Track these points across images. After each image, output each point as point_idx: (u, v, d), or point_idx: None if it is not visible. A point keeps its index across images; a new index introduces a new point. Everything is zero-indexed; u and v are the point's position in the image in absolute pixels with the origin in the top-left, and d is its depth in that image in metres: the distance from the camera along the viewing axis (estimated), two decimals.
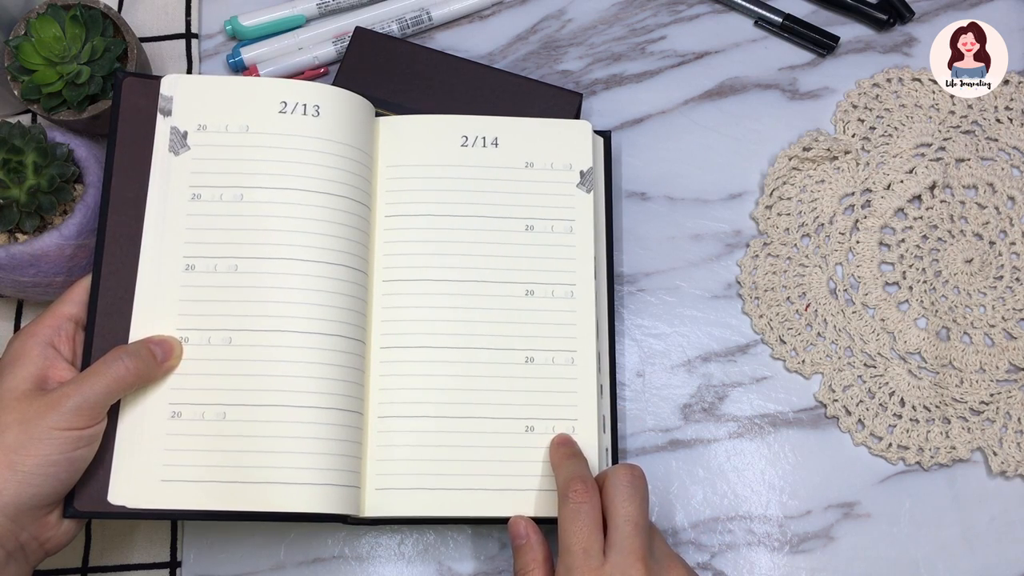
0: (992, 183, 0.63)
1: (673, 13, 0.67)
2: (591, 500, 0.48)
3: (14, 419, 0.45)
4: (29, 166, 0.53)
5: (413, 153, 0.56)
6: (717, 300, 0.62)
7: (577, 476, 0.50)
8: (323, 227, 0.52)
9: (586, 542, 0.47)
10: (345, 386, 0.51)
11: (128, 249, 0.52)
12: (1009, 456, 0.58)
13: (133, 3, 0.67)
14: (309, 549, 0.57)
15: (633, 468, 0.49)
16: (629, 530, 0.47)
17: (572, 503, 0.48)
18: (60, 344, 0.49)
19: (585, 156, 0.57)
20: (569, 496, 0.49)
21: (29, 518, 0.46)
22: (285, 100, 0.54)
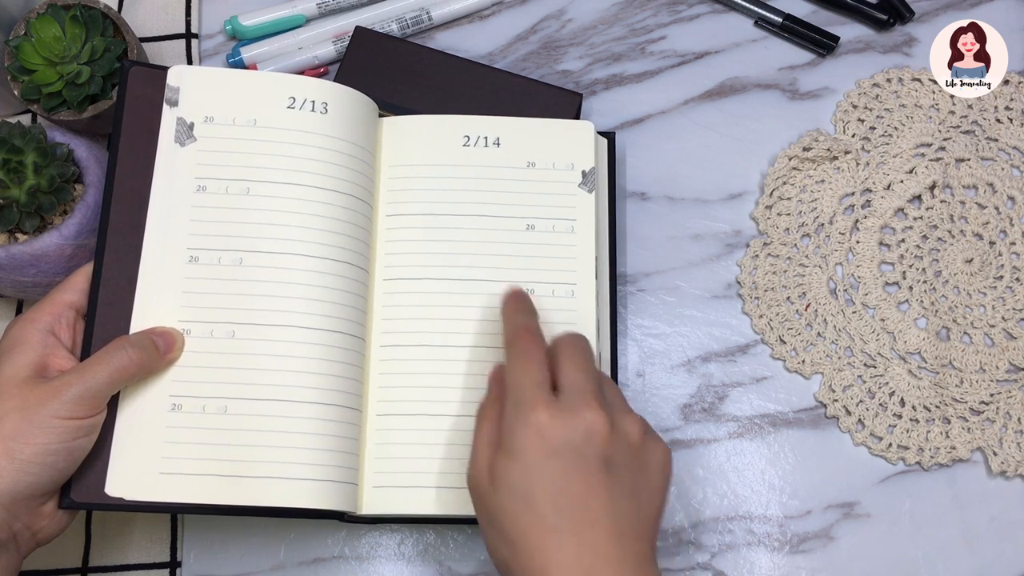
0: (992, 183, 0.63)
1: (673, 13, 0.67)
2: (539, 345, 0.47)
3: (13, 406, 0.45)
4: (29, 166, 0.53)
5: (415, 153, 0.57)
6: (717, 300, 0.62)
7: (525, 326, 0.49)
8: (327, 224, 0.52)
9: (536, 377, 0.46)
10: (345, 383, 0.51)
11: (131, 239, 0.51)
12: (1009, 456, 0.58)
13: (133, 3, 0.67)
14: (309, 549, 0.57)
15: (578, 334, 0.48)
16: (580, 376, 0.46)
17: (519, 347, 0.47)
18: (60, 332, 0.49)
19: (587, 156, 0.57)
20: (515, 342, 0.48)
21: (24, 507, 0.46)
22: (294, 96, 0.54)
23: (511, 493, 0.44)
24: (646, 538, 0.44)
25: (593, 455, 0.43)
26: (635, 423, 0.46)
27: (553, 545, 0.42)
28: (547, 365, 0.47)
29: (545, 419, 0.44)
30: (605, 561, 0.42)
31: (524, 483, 0.43)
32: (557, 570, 0.42)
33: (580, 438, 0.44)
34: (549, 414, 0.44)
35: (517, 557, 0.43)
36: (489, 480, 0.45)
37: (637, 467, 0.45)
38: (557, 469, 0.43)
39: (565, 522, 0.42)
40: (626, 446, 0.45)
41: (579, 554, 0.42)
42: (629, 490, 0.44)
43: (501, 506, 0.44)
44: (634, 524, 0.43)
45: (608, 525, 0.42)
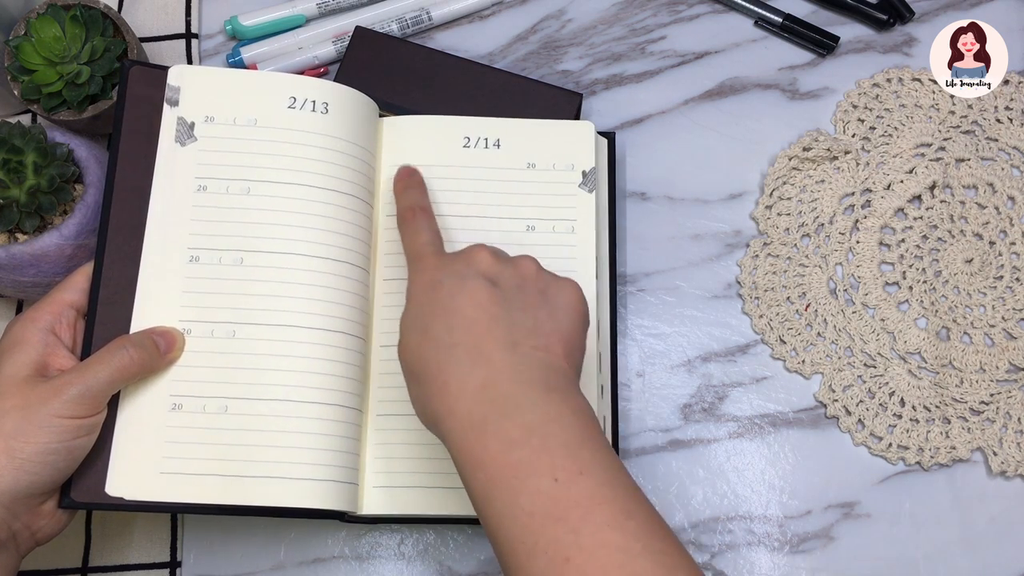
0: (992, 183, 0.63)
1: (673, 13, 0.67)
2: (426, 217, 0.51)
3: (13, 405, 0.45)
4: (29, 166, 0.53)
5: (416, 153, 0.57)
6: (717, 300, 0.62)
7: (411, 205, 0.52)
8: (328, 224, 0.52)
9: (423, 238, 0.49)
10: (346, 383, 0.51)
11: (131, 238, 0.51)
12: (1009, 456, 0.58)
13: (133, 3, 0.67)
14: (309, 549, 0.57)
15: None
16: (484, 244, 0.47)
17: (407, 221, 0.51)
18: (61, 331, 0.49)
19: (588, 157, 0.57)
20: (404, 218, 0.51)
21: (24, 506, 0.46)
22: (294, 95, 0.54)
23: (410, 329, 0.45)
24: (550, 350, 0.43)
25: (475, 274, 0.44)
26: (529, 260, 0.46)
27: (449, 361, 0.42)
28: (436, 233, 0.50)
29: (431, 261, 0.47)
30: (500, 368, 0.41)
31: (418, 316, 0.45)
32: (455, 384, 0.42)
33: (462, 265, 0.45)
34: (435, 257, 0.47)
35: (424, 387, 0.43)
36: (400, 336, 0.46)
37: (532, 291, 0.45)
38: (443, 293, 0.44)
39: (458, 337, 0.43)
40: (515, 273, 0.45)
41: (472, 365, 0.42)
42: (521, 305, 0.44)
43: (407, 346, 0.45)
44: (530, 335, 0.43)
45: (499, 334, 0.42)
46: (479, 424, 0.40)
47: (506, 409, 0.40)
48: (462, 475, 0.41)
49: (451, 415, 0.41)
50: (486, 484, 0.39)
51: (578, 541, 0.37)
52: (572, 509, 0.37)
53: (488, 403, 0.41)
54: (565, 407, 0.41)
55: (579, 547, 0.36)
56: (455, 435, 0.41)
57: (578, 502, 0.38)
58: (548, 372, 0.42)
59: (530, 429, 0.39)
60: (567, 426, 0.40)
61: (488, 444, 0.40)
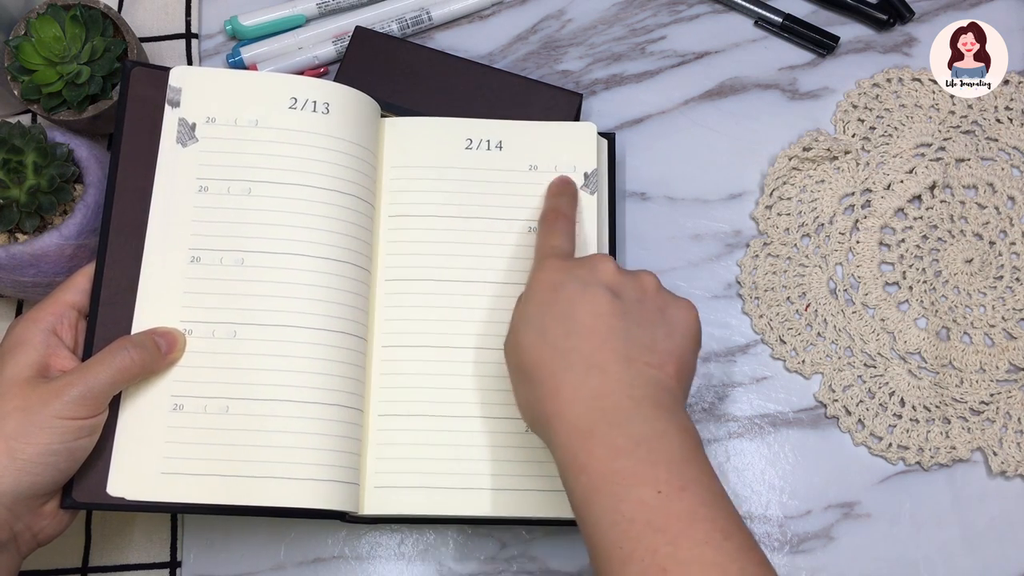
0: (992, 183, 0.63)
1: (673, 13, 0.67)
2: (565, 221, 0.51)
3: (15, 406, 0.45)
4: (29, 166, 0.53)
5: (417, 154, 0.57)
6: (717, 300, 0.62)
7: (556, 207, 0.52)
8: (329, 224, 0.52)
9: (554, 241, 0.49)
10: (347, 383, 0.51)
11: (132, 239, 0.51)
12: (1009, 456, 0.58)
13: (133, 3, 0.67)
14: (309, 549, 0.57)
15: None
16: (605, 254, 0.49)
17: (547, 221, 0.51)
18: (62, 332, 0.49)
19: (589, 158, 0.57)
20: (546, 217, 0.52)
21: (25, 507, 0.46)
22: (295, 96, 0.54)
23: (527, 327, 0.45)
24: (663, 369, 0.43)
25: (598, 284, 0.45)
26: (650, 276, 0.47)
27: (564, 367, 0.43)
28: (571, 239, 0.50)
29: (556, 263, 0.47)
30: (614, 380, 0.42)
31: (536, 315, 0.45)
32: (568, 390, 0.42)
33: (585, 272, 0.46)
34: (560, 260, 0.47)
35: (535, 389, 0.44)
36: (512, 331, 0.46)
37: (652, 307, 0.45)
38: (564, 297, 0.45)
39: (575, 343, 0.43)
40: (637, 286, 0.46)
41: (587, 373, 0.42)
42: (639, 320, 0.44)
43: (520, 344, 0.45)
44: (645, 351, 0.43)
45: (616, 346, 0.43)
46: (587, 431, 0.41)
47: (616, 419, 0.41)
48: (564, 478, 0.42)
49: (560, 419, 0.42)
50: (588, 489, 0.40)
51: (676, 554, 0.37)
52: (673, 522, 0.38)
53: (599, 412, 0.41)
54: (672, 425, 0.41)
55: (676, 560, 0.37)
56: (562, 438, 0.42)
57: (679, 516, 0.38)
58: (659, 390, 0.43)
59: (638, 441, 0.40)
60: (673, 443, 0.41)
61: (594, 450, 0.40)
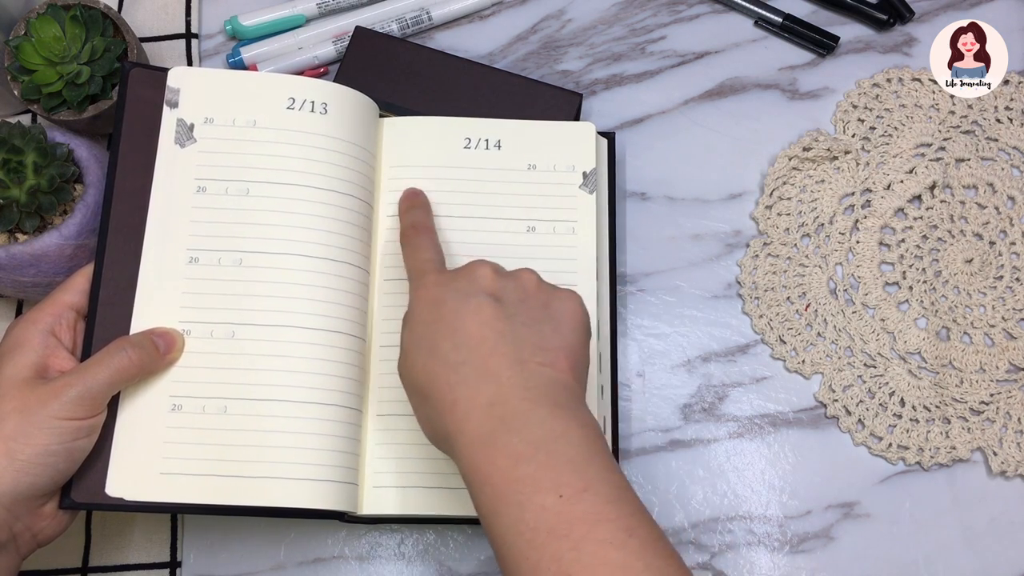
0: (992, 183, 0.63)
1: (673, 13, 0.67)
2: (428, 235, 0.51)
3: (13, 407, 0.45)
4: (29, 166, 0.53)
5: (416, 154, 0.57)
6: (717, 300, 0.62)
7: (413, 223, 0.52)
8: (327, 224, 0.52)
9: (424, 255, 0.49)
10: (345, 383, 0.51)
11: (131, 240, 0.51)
12: (1009, 456, 0.58)
13: (133, 3, 0.67)
14: (309, 549, 0.57)
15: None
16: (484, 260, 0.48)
17: (409, 239, 0.51)
18: (61, 333, 0.49)
19: (588, 157, 0.57)
20: (407, 235, 0.51)
21: (24, 508, 0.46)
22: (293, 96, 0.54)
23: (416, 348, 0.45)
24: (556, 366, 0.43)
25: (478, 291, 0.45)
26: (529, 273, 0.47)
27: (457, 380, 0.43)
28: (438, 250, 0.50)
29: (433, 279, 0.47)
30: (508, 386, 0.42)
31: (423, 335, 0.45)
32: (464, 403, 0.42)
33: (464, 283, 0.45)
34: (436, 275, 0.47)
35: (434, 406, 0.43)
36: (402, 354, 0.46)
37: (534, 304, 0.45)
38: (447, 312, 0.44)
39: (465, 356, 0.43)
40: (517, 287, 0.46)
41: (480, 383, 0.42)
42: (525, 320, 0.44)
43: (412, 365, 0.45)
44: (536, 351, 0.43)
45: (506, 351, 0.43)
46: (487, 440, 0.41)
47: (514, 425, 0.41)
48: (471, 491, 0.41)
49: (460, 432, 0.42)
50: (493, 499, 0.40)
51: (580, 559, 0.37)
52: (575, 526, 0.38)
53: (496, 419, 0.41)
54: (572, 423, 0.41)
55: (581, 564, 0.37)
56: (464, 452, 0.41)
57: (582, 519, 0.38)
58: (555, 388, 0.42)
59: (537, 445, 0.40)
60: (574, 442, 0.40)
61: (496, 459, 0.40)
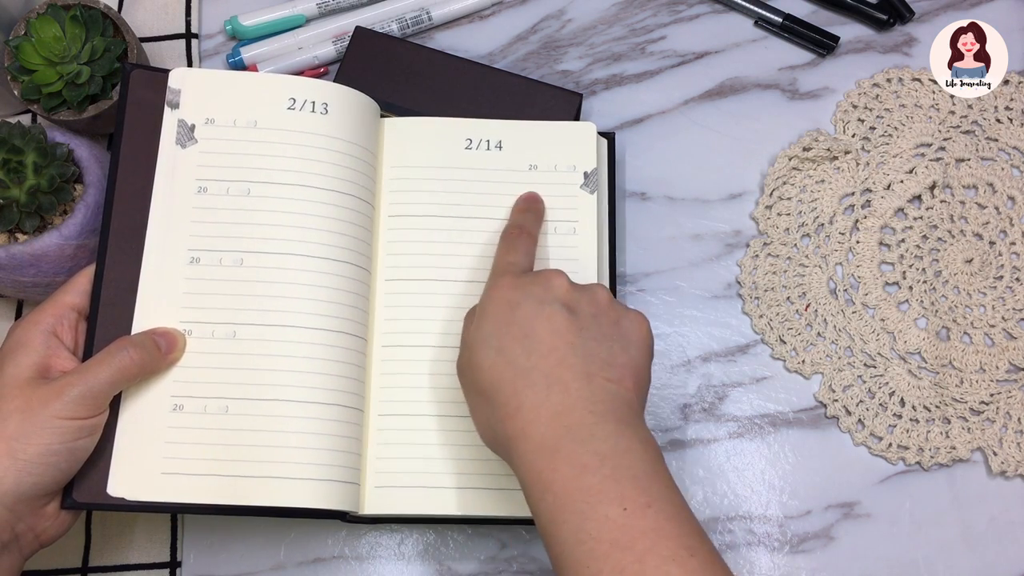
0: (992, 183, 0.63)
1: (673, 13, 0.67)
2: (527, 239, 0.51)
3: (15, 407, 0.45)
4: (29, 166, 0.53)
5: (417, 154, 0.57)
6: (717, 300, 0.62)
7: (520, 224, 0.52)
8: (328, 224, 0.52)
9: (512, 258, 0.50)
10: (347, 383, 0.51)
11: (132, 240, 0.51)
12: (1009, 456, 0.58)
13: (133, 3, 0.67)
14: (309, 549, 0.57)
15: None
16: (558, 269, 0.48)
17: (508, 237, 0.51)
18: (62, 333, 0.49)
19: (589, 157, 0.57)
20: (507, 233, 0.52)
21: (27, 508, 0.46)
22: (294, 97, 0.54)
23: (484, 347, 0.45)
24: (622, 383, 0.44)
25: (553, 300, 0.45)
26: (603, 289, 0.47)
27: (524, 385, 0.43)
28: (530, 256, 0.50)
29: (510, 280, 0.47)
30: (575, 397, 0.42)
31: (493, 334, 0.45)
32: (529, 409, 0.42)
33: (540, 289, 0.46)
34: (514, 277, 0.47)
35: (496, 409, 0.44)
36: (467, 350, 0.46)
37: (607, 322, 0.46)
38: (521, 315, 0.45)
39: (535, 362, 0.43)
40: (591, 300, 0.46)
41: (548, 391, 0.42)
42: (596, 335, 0.45)
43: (479, 364, 0.45)
44: (604, 367, 0.44)
45: (576, 363, 0.43)
46: (551, 448, 0.41)
47: (580, 436, 0.41)
48: (529, 497, 0.42)
49: (524, 438, 0.42)
50: (554, 507, 0.40)
51: (643, 571, 0.37)
52: (639, 539, 0.38)
53: (563, 429, 0.41)
54: (636, 440, 0.42)
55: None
56: (526, 457, 0.42)
57: (645, 533, 0.38)
58: (620, 405, 0.43)
59: (603, 457, 0.40)
60: (637, 459, 0.41)
61: (559, 468, 0.40)
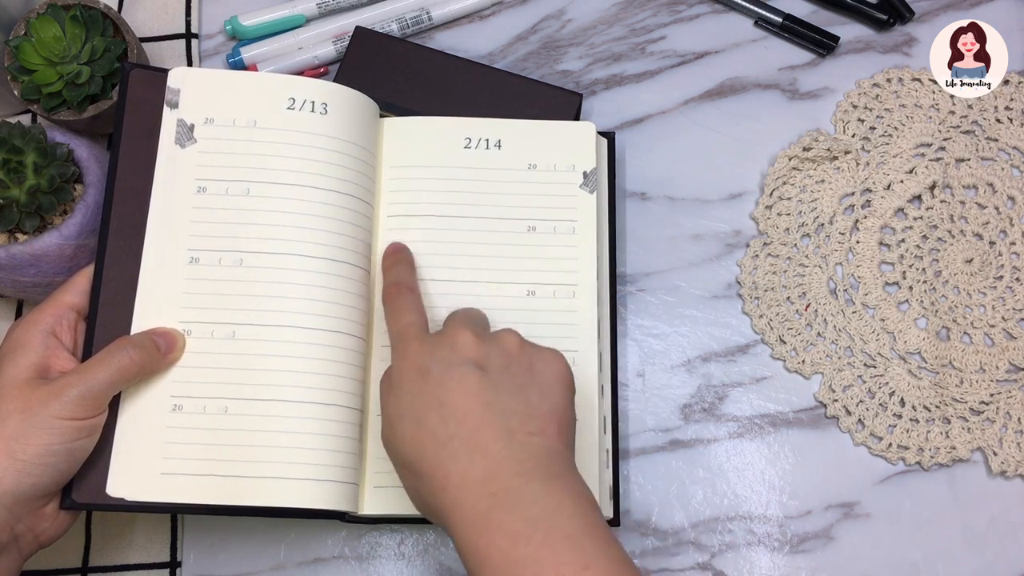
0: (992, 183, 0.63)
1: (673, 13, 0.67)
2: (410, 295, 0.50)
3: (14, 408, 0.45)
4: (29, 166, 0.53)
5: (417, 154, 0.57)
6: (717, 300, 0.62)
7: (396, 282, 0.51)
8: (328, 224, 0.52)
9: (407, 319, 0.48)
10: (346, 383, 0.51)
11: (132, 240, 0.51)
12: (1009, 456, 0.58)
13: (133, 3, 0.67)
14: (309, 549, 0.57)
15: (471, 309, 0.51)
16: (459, 316, 0.48)
17: (392, 299, 0.50)
18: (62, 333, 0.49)
19: (588, 157, 0.57)
20: (389, 295, 0.51)
21: (26, 508, 0.46)
22: (293, 97, 0.54)
23: (402, 420, 0.45)
24: (544, 433, 0.43)
25: (462, 362, 0.44)
26: (511, 335, 0.47)
27: (447, 456, 0.42)
28: (420, 312, 0.49)
29: (415, 346, 0.46)
30: (499, 460, 0.42)
31: (408, 406, 0.44)
32: (456, 480, 0.42)
33: (447, 351, 0.45)
34: (419, 342, 0.46)
35: (424, 482, 0.43)
36: (387, 424, 0.46)
37: (518, 370, 0.45)
38: (432, 382, 0.44)
39: (453, 430, 0.43)
40: (500, 352, 0.45)
41: (471, 459, 0.42)
42: (510, 388, 0.44)
43: (400, 438, 0.45)
44: (524, 420, 0.43)
45: (494, 423, 0.43)
46: (483, 519, 0.40)
47: (509, 502, 0.40)
48: (468, 569, 0.41)
49: (455, 510, 0.41)
50: None
51: None
52: None
53: (490, 497, 0.41)
54: (566, 496, 0.41)
55: None
56: (460, 531, 0.41)
57: None
58: (546, 458, 0.42)
59: (534, 523, 0.40)
60: (570, 516, 0.40)
61: (494, 540, 0.40)
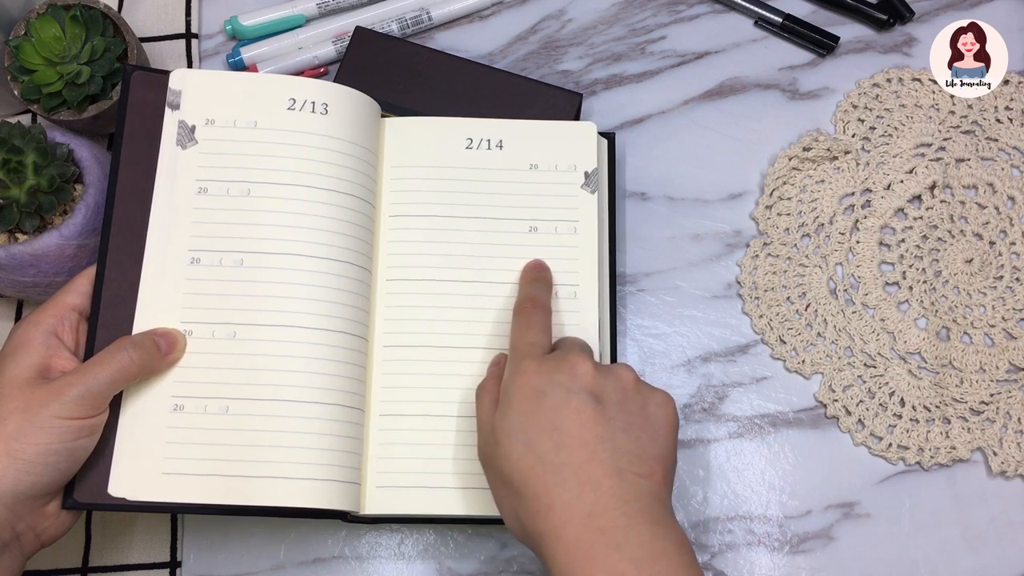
0: (992, 183, 0.63)
1: (673, 13, 0.67)
2: (541, 313, 0.50)
3: (15, 407, 0.45)
4: (29, 166, 0.53)
5: (418, 154, 0.57)
6: (717, 300, 0.62)
7: (532, 296, 0.51)
8: (329, 224, 0.52)
9: (531, 337, 0.48)
10: (348, 383, 0.51)
11: (133, 241, 0.52)
12: (1009, 456, 0.58)
13: (133, 3, 0.67)
14: (309, 549, 0.57)
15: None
16: (572, 341, 0.48)
17: (522, 313, 0.50)
18: (63, 334, 0.49)
19: (590, 157, 0.57)
20: (521, 309, 0.51)
21: (27, 508, 0.46)
22: (294, 97, 0.54)
23: (511, 438, 0.45)
24: (652, 477, 0.43)
25: (579, 389, 0.44)
26: (627, 370, 0.47)
27: (555, 483, 0.42)
28: (547, 333, 0.49)
29: (534, 366, 0.46)
30: (607, 496, 0.42)
31: (520, 426, 0.44)
32: (562, 508, 0.42)
33: (566, 377, 0.45)
34: (538, 362, 0.46)
35: (525, 503, 0.43)
36: (492, 439, 0.46)
37: (633, 408, 0.45)
38: (548, 406, 0.44)
39: (564, 457, 0.43)
40: (617, 386, 0.46)
41: (580, 490, 0.42)
42: (624, 425, 0.44)
43: (506, 455, 0.44)
44: (634, 461, 0.43)
45: (606, 458, 0.43)
46: (587, 553, 0.41)
47: (615, 540, 0.41)
48: None
49: (557, 539, 0.42)
50: None
51: None
52: None
53: (596, 532, 0.41)
54: (670, 543, 0.41)
55: None
56: (560, 559, 0.41)
57: None
58: (652, 502, 0.43)
59: (639, 564, 0.40)
60: (673, 564, 0.41)
61: (596, 574, 0.40)
